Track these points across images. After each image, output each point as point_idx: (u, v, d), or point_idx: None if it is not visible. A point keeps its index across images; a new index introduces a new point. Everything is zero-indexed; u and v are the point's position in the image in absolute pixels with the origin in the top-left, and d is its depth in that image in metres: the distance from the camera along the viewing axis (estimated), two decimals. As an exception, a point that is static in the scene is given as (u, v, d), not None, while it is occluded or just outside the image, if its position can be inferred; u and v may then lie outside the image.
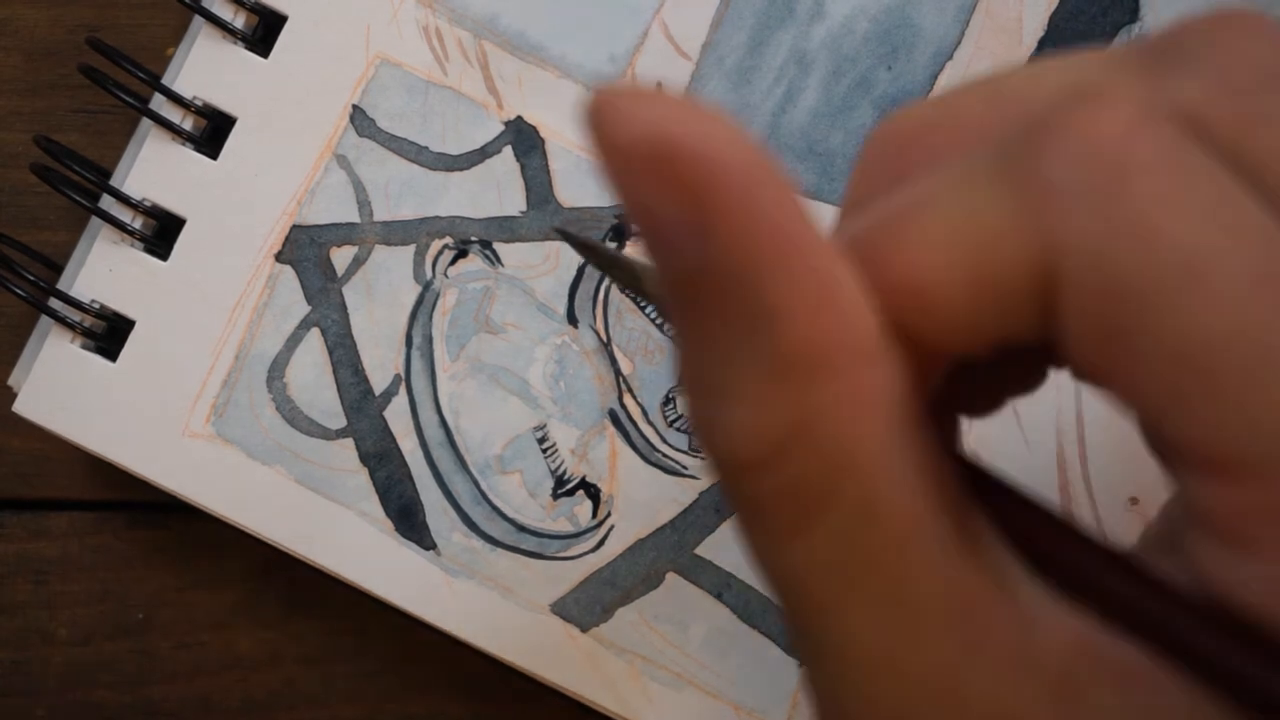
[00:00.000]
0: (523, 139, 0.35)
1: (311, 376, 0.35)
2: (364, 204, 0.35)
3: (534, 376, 0.35)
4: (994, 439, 0.33)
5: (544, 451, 0.34)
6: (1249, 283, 0.14)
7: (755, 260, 0.14)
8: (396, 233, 0.35)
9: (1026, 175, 0.15)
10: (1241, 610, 0.14)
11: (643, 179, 0.14)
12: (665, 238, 0.14)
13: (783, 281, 0.14)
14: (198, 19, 0.35)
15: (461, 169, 0.35)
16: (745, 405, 0.15)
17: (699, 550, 0.34)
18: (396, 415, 0.35)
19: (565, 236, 0.33)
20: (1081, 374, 0.15)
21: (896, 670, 0.15)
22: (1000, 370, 0.18)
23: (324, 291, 0.35)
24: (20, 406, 0.34)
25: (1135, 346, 0.14)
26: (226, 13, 0.35)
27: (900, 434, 0.15)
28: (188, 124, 0.35)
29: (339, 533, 0.34)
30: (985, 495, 0.16)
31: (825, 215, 0.34)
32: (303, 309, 0.35)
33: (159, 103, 0.35)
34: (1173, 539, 0.15)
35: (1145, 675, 0.15)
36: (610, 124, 0.14)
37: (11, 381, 0.35)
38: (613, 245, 0.34)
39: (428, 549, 0.34)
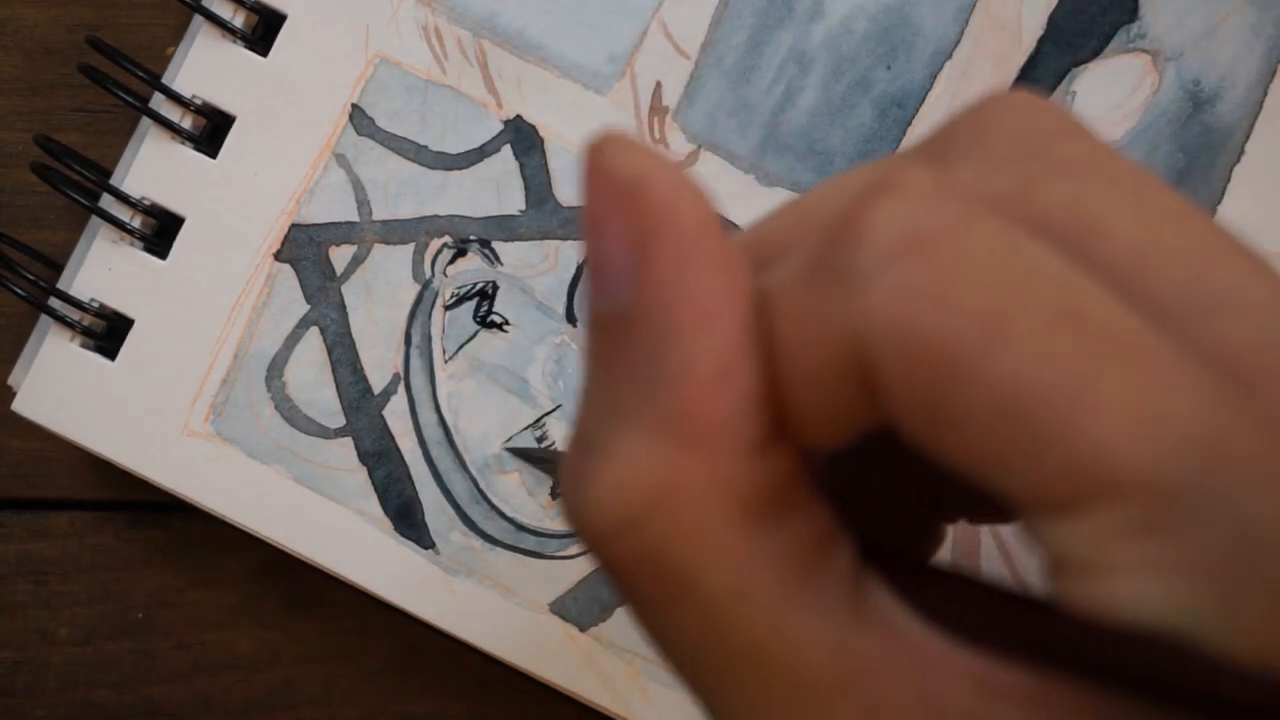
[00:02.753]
0: (522, 138, 0.35)
1: (310, 375, 0.35)
2: (363, 203, 0.35)
3: (533, 375, 0.35)
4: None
5: (543, 450, 0.34)
6: (1046, 325, 0.14)
7: (676, 314, 0.15)
8: (395, 232, 0.35)
9: (827, 268, 0.15)
10: (1123, 630, 0.14)
11: (608, 208, 0.16)
12: (605, 270, 0.16)
13: (695, 345, 0.15)
14: (197, 18, 0.35)
15: (460, 168, 0.35)
16: (616, 463, 0.15)
17: (698, 549, 0.34)
18: (395, 414, 0.35)
19: (522, 455, 0.34)
20: (921, 451, 0.15)
21: None
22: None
23: (323, 290, 0.35)
24: (20, 406, 0.34)
25: (953, 409, 0.14)
26: (226, 12, 0.35)
27: (769, 521, 0.16)
28: (187, 123, 0.35)
29: (338, 532, 0.34)
30: (878, 562, 0.17)
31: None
32: (302, 308, 0.35)
33: (159, 102, 0.35)
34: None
35: (1051, 697, 0.15)
36: (605, 153, 0.16)
37: (11, 381, 0.35)
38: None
39: (426, 548, 0.34)
